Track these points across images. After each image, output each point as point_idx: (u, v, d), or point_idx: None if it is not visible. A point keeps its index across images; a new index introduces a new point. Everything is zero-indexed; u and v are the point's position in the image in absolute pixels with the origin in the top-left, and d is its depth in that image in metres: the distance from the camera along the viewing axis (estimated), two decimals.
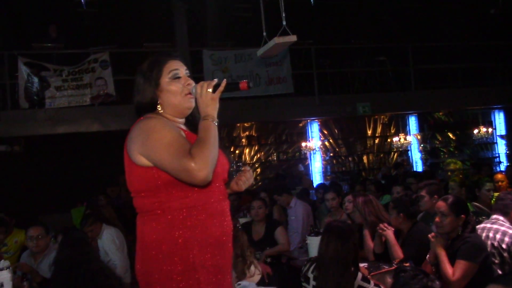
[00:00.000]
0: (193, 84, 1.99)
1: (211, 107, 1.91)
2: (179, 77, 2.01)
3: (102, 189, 8.76)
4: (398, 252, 3.83)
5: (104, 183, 9.11)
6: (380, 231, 3.95)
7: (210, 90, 1.90)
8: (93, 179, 9.01)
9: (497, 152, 12.62)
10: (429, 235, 3.42)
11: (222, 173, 2.03)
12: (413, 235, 3.98)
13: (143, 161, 1.87)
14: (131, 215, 2.03)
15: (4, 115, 8.33)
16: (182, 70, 2.03)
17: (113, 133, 8.29)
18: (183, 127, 2.05)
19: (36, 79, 8.36)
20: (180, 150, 1.79)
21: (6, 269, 3.39)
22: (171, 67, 2.01)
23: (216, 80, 1.94)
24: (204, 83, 1.93)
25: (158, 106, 2.02)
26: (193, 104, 2.00)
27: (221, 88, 1.92)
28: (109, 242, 4.66)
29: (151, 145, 1.83)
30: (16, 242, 5.48)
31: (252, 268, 3.53)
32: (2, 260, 3.52)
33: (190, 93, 1.99)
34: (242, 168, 2.20)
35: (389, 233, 3.91)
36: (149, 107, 2.01)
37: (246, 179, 2.17)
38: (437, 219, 3.37)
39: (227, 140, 10.71)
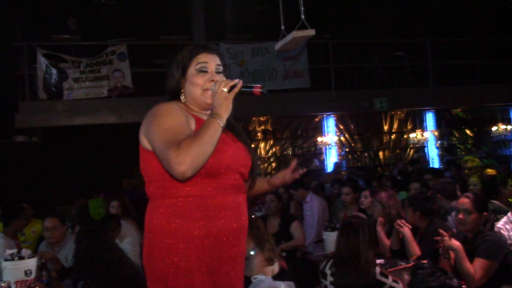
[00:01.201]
0: (220, 81, 1.94)
1: (222, 107, 1.87)
2: (205, 71, 2.00)
3: (118, 181, 8.87)
4: (415, 249, 3.80)
5: (121, 174, 9.19)
6: (397, 227, 3.92)
7: (225, 89, 1.88)
8: (110, 171, 9.09)
9: None
10: (444, 237, 3.33)
11: (237, 167, 1.98)
12: (430, 232, 3.94)
13: (147, 144, 1.90)
14: (146, 206, 2.03)
15: (23, 106, 8.42)
16: (211, 64, 2.01)
17: (129, 125, 8.34)
18: (205, 118, 2.02)
19: (54, 71, 8.44)
20: (171, 139, 1.76)
21: (33, 257, 3.45)
22: (201, 59, 2.01)
23: (236, 80, 1.92)
24: (223, 81, 1.92)
25: (182, 95, 2.04)
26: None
27: (236, 89, 1.89)
28: (129, 246, 4.66)
29: (151, 129, 1.86)
30: (34, 232, 5.54)
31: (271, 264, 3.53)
32: (24, 249, 3.57)
33: (209, 90, 1.97)
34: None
35: (406, 229, 3.88)
36: (174, 93, 2.05)
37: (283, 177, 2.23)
38: (460, 216, 3.33)
39: None
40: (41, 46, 8.50)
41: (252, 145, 2.44)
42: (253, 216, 3.78)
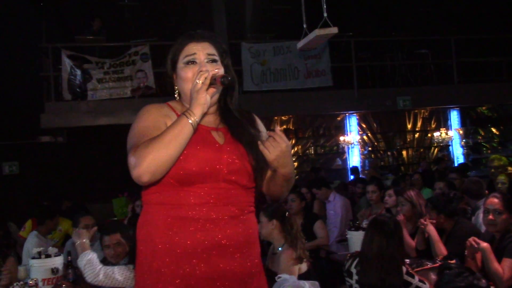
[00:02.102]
0: (209, 71, 1.74)
1: (194, 101, 1.68)
2: (194, 63, 1.80)
3: None
4: (441, 248, 3.74)
5: None
6: (422, 226, 3.87)
7: (199, 81, 1.70)
8: None
9: None
10: (469, 243, 3.26)
11: (220, 175, 1.72)
12: (456, 232, 3.88)
13: None
14: None
15: (48, 106, 8.56)
16: (200, 54, 1.80)
17: None
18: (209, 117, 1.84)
19: (79, 72, 8.55)
20: (135, 142, 1.65)
21: (60, 255, 3.51)
22: (188, 51, 1.82)
23: (215, 71, 1.75)
24: (202, 72, 1.73)
25: (176, 92, 1.89)
26: None
27: (207, 81, 1.70)
28: None
29: (128, 134, 1.76)
30: (60, 231, 5.63)
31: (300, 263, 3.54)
32: (51, 247, 3.62)
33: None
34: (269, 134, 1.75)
35: (431, 227, 3.82)
36: (172, 92, 1.91)
37: (270, 145, 1.70)
38: (490, 216, 3.26)
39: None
40: (66, 48, 8.63)
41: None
42: (286, 213, 3.79)
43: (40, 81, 9.02)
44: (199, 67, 1.78)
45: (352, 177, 10.37)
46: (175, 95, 1.89)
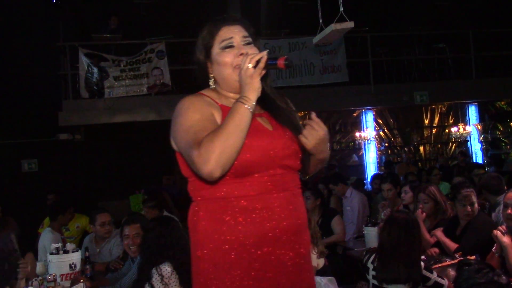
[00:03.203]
0: (249, 54, 1.68)
1: (248, 87, 1.62)
2: (232, 47, 1.75)
3: (158, 177, 8.97)
4: (449, 244, 3.71)
5: (160, 171, 9.29)
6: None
7: (250, 65, 1.62)
8: (150, 167, 9.22)
9: None
10: (495, 232, 3.22)
11: (276, 162, 1.70)
12: (473, 224, 3.84)
13: (175, 146, 1.75)
14: (185, 202, 1.96)
15: (66, 104, 8.64)
16: (237, 38, 1.75)
17: (168, 122, 8.36)
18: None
19: (95, 70, 8.61)
20: (193, 138, 1.58)
21: (77, 251, 3.55)
22: (224, 35, 1.76)
23: (262, 53, 1.65)
24: (248, 56, 1.65)
25: (211, 80, 1.82)
26: None
27: (261, 64, 1.62)
28: None
29: (174, 130, 1.71)
30: (78, 227, 5.69)
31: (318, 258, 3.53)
32: (69, 243, 3.67)
33: (239, 66, 1.69)
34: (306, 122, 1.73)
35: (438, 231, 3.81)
36: (203, 81, 1.84)
37: (309, 133, 1.70)
38: (509, 211, 3.22)
39: None
40: (83, 46, 8.69)
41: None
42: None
43: (58, 79, 9.10)
44: (238, 50, 1.74)
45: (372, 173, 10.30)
46: (210, 83, 1.82)
